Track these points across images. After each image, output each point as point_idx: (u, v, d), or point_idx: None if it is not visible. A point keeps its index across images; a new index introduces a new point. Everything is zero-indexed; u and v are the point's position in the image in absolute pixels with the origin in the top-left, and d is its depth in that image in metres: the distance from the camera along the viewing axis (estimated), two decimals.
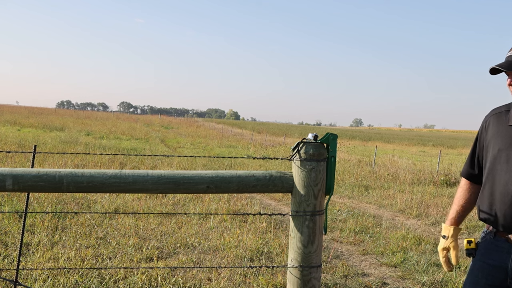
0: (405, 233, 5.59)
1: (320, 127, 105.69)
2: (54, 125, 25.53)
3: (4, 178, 1.63)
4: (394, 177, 11.50)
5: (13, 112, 41.90)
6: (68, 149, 12.45)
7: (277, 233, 5.09)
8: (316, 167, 1.84)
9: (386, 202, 8.07)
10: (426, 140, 44.86)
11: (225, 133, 33.20)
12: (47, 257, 3.78)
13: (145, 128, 31.59)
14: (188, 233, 4.81)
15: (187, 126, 39.93)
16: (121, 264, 3.79)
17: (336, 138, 1.88)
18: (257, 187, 1.84)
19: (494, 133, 1.90)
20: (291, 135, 35.34)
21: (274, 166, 12.11)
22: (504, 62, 1.88)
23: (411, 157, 20.54)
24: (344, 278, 3.96)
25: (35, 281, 3.27)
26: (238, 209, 6.31)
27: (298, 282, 1.85)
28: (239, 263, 4.07)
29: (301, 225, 1.84)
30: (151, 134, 24.83)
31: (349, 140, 31.06)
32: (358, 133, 55.17)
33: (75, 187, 1.69)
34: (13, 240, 4.15)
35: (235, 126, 48.75)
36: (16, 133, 18.76)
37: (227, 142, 23.12)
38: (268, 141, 25.68)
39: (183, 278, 3.55)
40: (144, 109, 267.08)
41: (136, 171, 1.73)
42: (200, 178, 1.78)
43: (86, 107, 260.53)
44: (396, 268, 4.35)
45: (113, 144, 16.27)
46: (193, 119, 78.79)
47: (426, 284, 3.92)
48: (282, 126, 69.21)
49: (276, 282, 3.61)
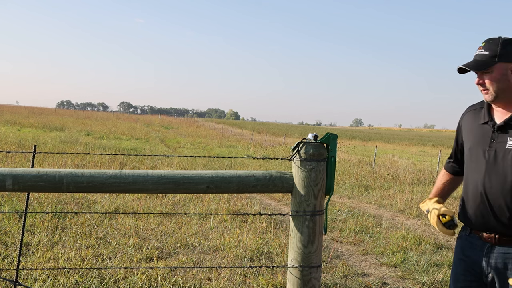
0: (405, 233, 5.59)
1: (320, 127, 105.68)
2: (54, 125, 25.52)
3: (4, 178, 1.63)
4: (394, 177, 11.50)
5: (13, 112, 41.90)
6: (68, 149, 12.45)
7: (277, 233, 5.09)
8: (316, 167, 1.84)
9: (386, 202, 8.07)
10: (426, 140, 44.86)
11: (225, 133, 33.19)
12: (47, 257, 3.78)
13: (145, 128, 31.59)
14: (188, 233, 4.81)
15: (187, 126, 39.92)
16: (121, 264, 3.78)
17: (336, 138, 1.88)
18: (257, 187, 1.84)
19: (468, 130, 1.93)
20: (291, 135, 35.33)
21: (274, 166, 12.11)
22: (471, 61, 1.87)
23: (411, 157, 20.54)
24: (344, 278, 3.96)
25: (35, 281, 3.27)
26: (238, 209, 6.31)
27: (298, 282, 1.85)
28: (239, 263, 4.07)
29: (301, 225, 1.84)
30: (151, 134, 24.82)
31: (349, 140, 31.06)
32: (358, 133, 55.16)
33: (75, 187, 1.69)
34: (13, 240, 4.15)
35: (235, 126, 48.75)
36: (16, 133, 18.76)
37: (227, 142, 23.11)
38: (268, 141, 25.68)
39: (183, 278, 3.55)
40: (144, 109, 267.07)
41: (136, 171, 1.73)
42: (200, 178, 1.78)
43: (86, 107, 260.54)
44: (396, 268, 4.35)
45: (113, 144, 16.27)
46: (193, 119, 78.79)
47: (426, 284, 3.92)
48: (282, 126, 69.22)
49: (276, 282, 3.61)
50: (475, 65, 1.84)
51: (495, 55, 1.80)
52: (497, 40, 1.83)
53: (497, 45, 1.81)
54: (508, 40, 1.83)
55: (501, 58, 1.79)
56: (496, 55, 1.80)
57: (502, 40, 1.83)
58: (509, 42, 1.82)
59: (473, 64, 1.86)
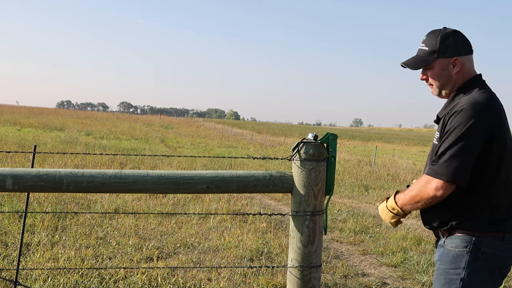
0: (405, 233, 5.59)
1: (320, 127, 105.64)
2: (54, 125, 25.51)
3: (4, 178, 1.63)
4: (394, 177, 11.50)
5: (13, 112, 41.89)
6: (68, 149, 12.44)
7: (277, 233, 5.09)
8: (316, 167, 1.84)
9: None
10: (426, 140, 44.84)
11: (225, 133, 33.18)
12: (47, 257, 3.78)
13: (145, 128, 31.58)
14: (188, 233, 4.81)
15: (187, 126, 39.91)
16: (121, 264, 3.78)
17: (336, 138, 1.88)
18: (257, 187, 1.84)
19: None
20: (291, 135, 35.32)
21: (274, 166, 12.10)
22: (411, 58, 1.83)
23: (411, 157, 20.54)
24: (344, 278, 3.96)
25: (35, 281, 3.27)
26: (238, 209, 6.31)
27: (298, 282, 1.85)
28: (239, 263, 4.07)
29: (301, 225, 1.84)
30: (151, 134, 24.81)
31: (349, 140, 31.04)
32: (358, 133, 55.16)
33: (75, 187, 1.69)
34: (13, 240, 4.15)
35: (235, 126, 48.73)
36: (16, 133, 18.75)
37: (227, 142, 23.10)
38: (268, 141, 25.67)
39: (183, 278, 3.55)
40: (144, 109, 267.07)
41: (136, 171, 1.73)
42: (200, 178, 1.78)
43: (86, 107, 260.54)
44: (396, 268, 4.35)
45: (113, 144, 16.26)
46: (193, 119, 78.76)
47: (426, 284, 3.92)
48: (282, 126, 69.20)
49: (276, 282, 3.61)
50: (413, 63, 1.80)
51: (434, 51, 1.75)
52: (437, 34, 1.76)
53: (436, 39, 1.75)
54: (448, 33, 1.75)
55: (440, 53, 1.74)
56: (435, 51, 1.75)
57: (442, 34, 1.75)
58: (449, 35, 1.74)
59: (411, 61, 1.82)
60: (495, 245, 1.65)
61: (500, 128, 1.64)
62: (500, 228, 1.65)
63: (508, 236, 1.65)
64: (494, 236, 1.65)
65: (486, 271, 1.64)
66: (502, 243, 1.65)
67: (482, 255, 1.64)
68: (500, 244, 1.65)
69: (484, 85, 1.75)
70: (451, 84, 1.76)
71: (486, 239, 1.65)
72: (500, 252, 1.65)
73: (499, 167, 1.65)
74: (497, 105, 1.69)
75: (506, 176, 1.67)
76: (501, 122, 1.65)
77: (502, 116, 1.68)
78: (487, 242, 1.64)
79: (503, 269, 1.68)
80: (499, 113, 1.67)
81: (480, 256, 1.64)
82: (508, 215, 1.67)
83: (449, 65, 1.74)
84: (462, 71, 1.75)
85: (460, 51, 1.74)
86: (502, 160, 1.65)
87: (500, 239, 1.65)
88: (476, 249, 1.64)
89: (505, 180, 1.67)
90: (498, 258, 1.66)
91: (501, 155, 1.64)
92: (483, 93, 1.69)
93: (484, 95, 1.68)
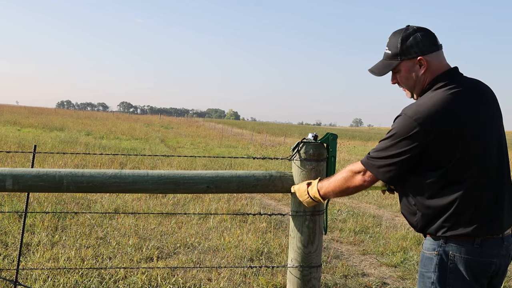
0: (405, 233, 5.59)
1: (320, 127, 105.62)
2: (54, 125, 25.50)
3: (4, 178, 1.63)
4: None
5: (13, 112, 41.88)
6: (68, 149, 12.44)
7: (277, 233, 5.09)
8: (316, 167, 1.84)
9: (386, 202, 8.07)
10: None
11: (225, 133, 33.17)
12: (47, 257, 3.78)
13: (145, 128, 31.57)
14: (188, 233, 4.81)
15: (187, 126, 39.90)
16: (121, 264, 3.78)
17: (336, 138, 1.88)
18: (257, 187, 1.84)
19: None
20: (291, 135, 35.31)
21: (274, 166, 12.10)
22: (376, 65, 1.77)
23: None
24: (344, 278, 3.96)
25: (35, 281, 3.27)
26: (238, 209, 6.31)
27: (298, 282, 1.85)
28: (239, 263, 4.07)
29: (301, 225, 1.84)
30: (151, 134, 24.81)
31: (349, 140, 31.04)
32: (358, 133, 55.14)
33: (75, 187, 1.69)
34: (13, 240, 4.15)
35: (235, 126, 48.71)
36: (16, 133, 18.74)
37: (227, 142, 23.10)
38: (268, 141, 25.67)
39: (183, 278, 3.55)
40: (144, 109, 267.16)
41: (136, 171, 1.73)
42: (200, 178, 1.78)
43: (86, 107, 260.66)
44: (396, 268, 4.35)
45: (113, 144, 16.26)
46: (193, 119, 78.77)
47: None
48: (282, 126, 69.19)
49: (276, 282, 3.61)
50: (378, 69, 1.74)
51: (396, 53, 1.68)
52: (398, 35, 1.68)
53: (397, 41, 1.67)
54: (410, 33, 1.66)
55: (402, 55, 1.67)
56: (398, 54, 1.67)
57: (403, 34, 1.67)
58: (410, 34, 1.66)
59: (376, 68, 1.76)
60: (465, 249, 1.58)
61: (449, 131, 1.54)
62: (468, 232, 1.57)
63: (478, 240, 1.58)
64: (464, 240, 1.58)
65: (456, 275, 1.59)
66: (473, 247, 1.58)
67: (451, 259, 1.59)
68: (471, 248, 1.58)
69: (451, 80, 1.63)
70: (420, 85, 1.68)
71: (453, 242, 1.59)
72: (471, 256, 1.58)
73: (462, 170, 1.56)
74: (451, 104, 1.56)
75: (473, 180, 1.57)
76: (453, 122, 1.54)
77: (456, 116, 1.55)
78: (455, 246, 1.59)
79: (476, 274, 1.59)
80: (449, 114, 1.55)
81: (447, 260, 1.59)
82: (480, 218, 1.58)
83: (415, 66, 1.66)
84: (430, 70, 1.65)
85: (423, 49, 1.64)
86: (464, 163, 1.55)
87: (470, 242, 1.58)
88: (443, 252, 1.60)
89: (472, 183, 1.56)
90: (469, 263, 1.58)
91: (462, 158, 1.55)
92: (441, 92, 1.58)
93: (438, 96, 1.58)
